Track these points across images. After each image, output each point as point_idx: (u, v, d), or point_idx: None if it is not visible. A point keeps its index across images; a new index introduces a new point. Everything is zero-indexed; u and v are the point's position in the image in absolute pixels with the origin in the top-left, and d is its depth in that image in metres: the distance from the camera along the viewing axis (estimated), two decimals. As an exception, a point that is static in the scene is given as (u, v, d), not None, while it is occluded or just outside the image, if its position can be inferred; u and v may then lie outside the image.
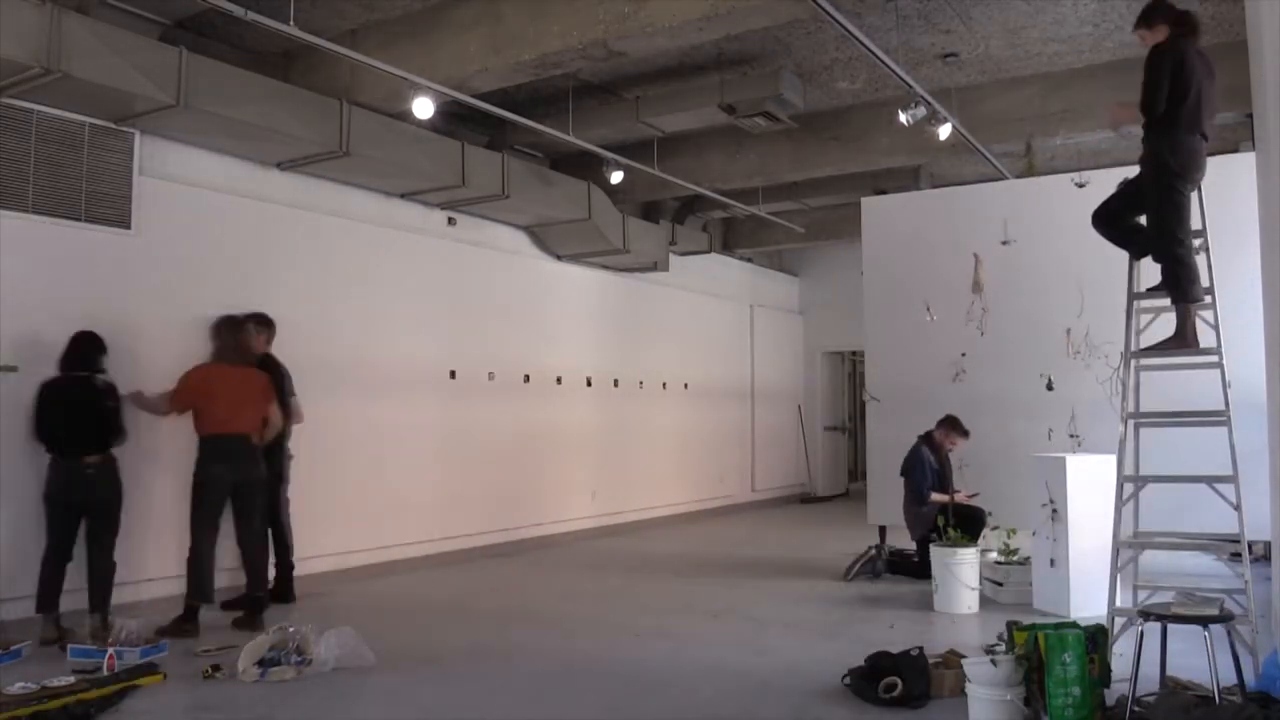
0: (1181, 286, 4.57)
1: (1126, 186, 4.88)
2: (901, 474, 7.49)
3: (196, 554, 5.67)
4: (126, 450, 5.68)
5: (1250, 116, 6.07)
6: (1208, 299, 4.68)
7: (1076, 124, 7.97)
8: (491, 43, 6.35)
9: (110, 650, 4.77)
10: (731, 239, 13.11)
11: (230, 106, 6.25)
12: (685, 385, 11.90)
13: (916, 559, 7.29)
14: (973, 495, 7.41)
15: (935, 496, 7.25)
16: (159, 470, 6.24)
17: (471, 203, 8.58)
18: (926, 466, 7.33)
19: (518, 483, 9.20)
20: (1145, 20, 4.66)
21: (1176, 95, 4.45)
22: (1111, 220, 4.91)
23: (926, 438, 7.45)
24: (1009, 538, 6.73)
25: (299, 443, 6.70)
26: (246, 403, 5.89)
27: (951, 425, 7.41)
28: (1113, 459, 4.79)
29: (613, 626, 5.85)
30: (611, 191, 9.45)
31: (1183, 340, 4.62)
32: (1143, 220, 4.81)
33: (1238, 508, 4.39)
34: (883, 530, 8.49)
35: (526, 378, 9.47)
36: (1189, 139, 4.50)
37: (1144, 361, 4.95)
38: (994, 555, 6.77)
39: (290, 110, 6.62)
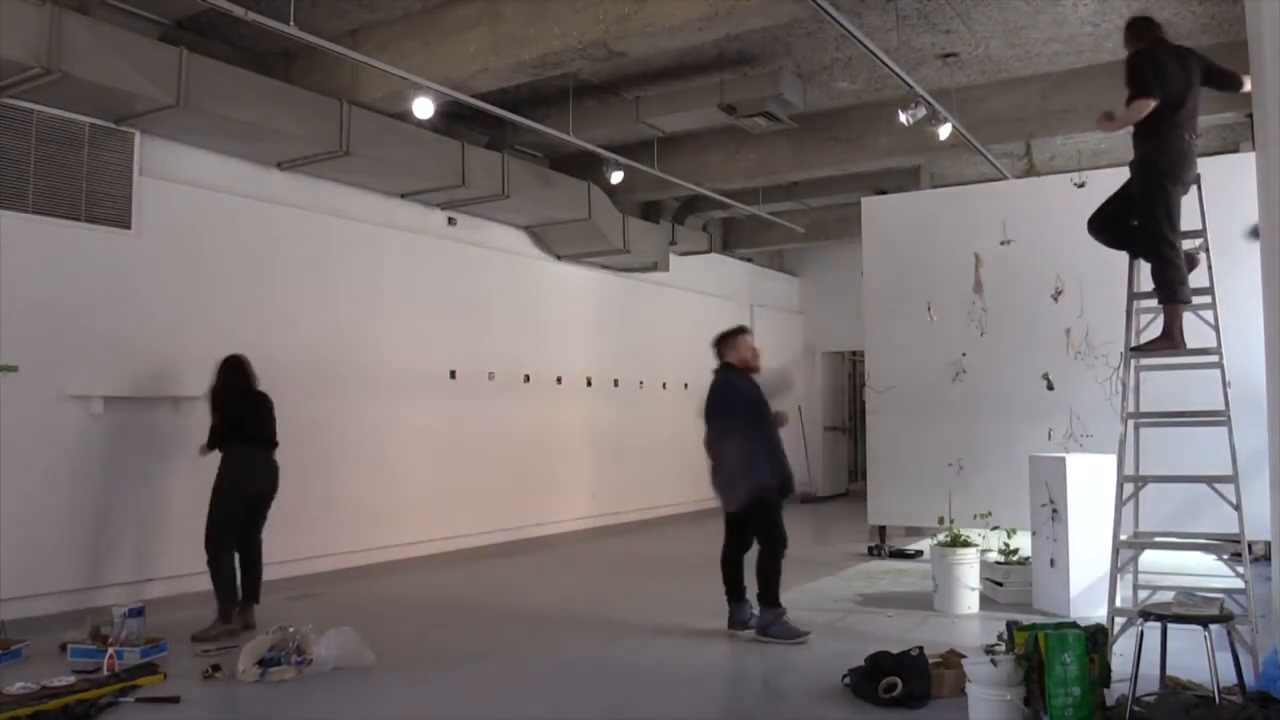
0: (1171, 287, 4.58)
1: (1119, 191, 4.90)
2: (706, 418, 5.63)
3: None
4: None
5: (1250, 116, 6.06)
6: (1207, 299, 4.69)
7: (1076, 124, 7.97)
8: (491, 43, 6.35)
9: (110, 650, 4.77)
10: (731, 239, 13.10)
11: (230, 106, 6.25)
12: (685, 385, 11.87)
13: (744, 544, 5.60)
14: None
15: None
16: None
17: (471, 203, 8.58)
18: (737, 396, 5.55)
19: (518, 483, 9.19)
20: (1127, 43, 4.87)
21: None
22: (1107, 226, 4.93)
23: (727, 366, 5.72)
24: (1009, 538, 6.73)
25: (297, 441, 6.68)
26: None
27: (739, 335, 5.78)
28: (1113, 459, 4.79)
29: (613, 626, 5.85)
30: (611, 191, 9.45)
31: (1170, 340, 4.64)
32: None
33: (1238, 508, 4.40)
34: (882, 530, 8.51)
35: (527, 378, 9.46)
36: (1178, 139, 4.53)
37: (1144, 361, 4.95)
38: (994, 555, 6.77)
39: (290, 110, 6.62)
